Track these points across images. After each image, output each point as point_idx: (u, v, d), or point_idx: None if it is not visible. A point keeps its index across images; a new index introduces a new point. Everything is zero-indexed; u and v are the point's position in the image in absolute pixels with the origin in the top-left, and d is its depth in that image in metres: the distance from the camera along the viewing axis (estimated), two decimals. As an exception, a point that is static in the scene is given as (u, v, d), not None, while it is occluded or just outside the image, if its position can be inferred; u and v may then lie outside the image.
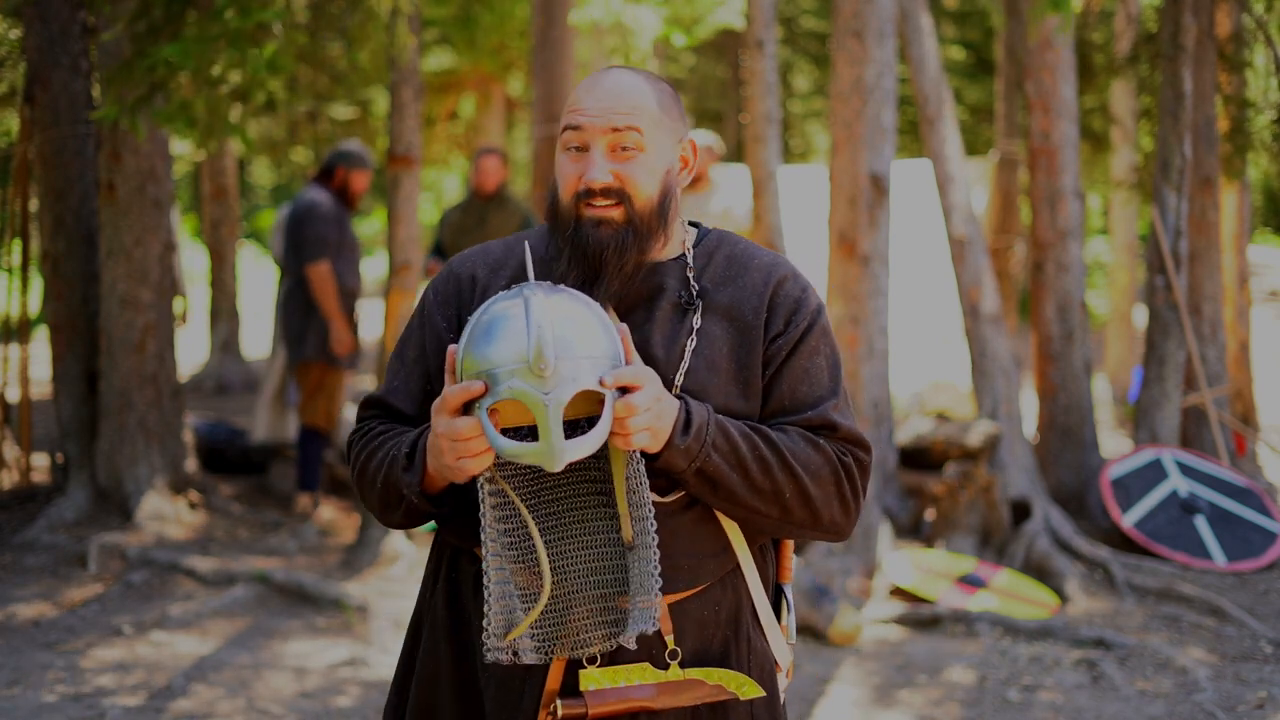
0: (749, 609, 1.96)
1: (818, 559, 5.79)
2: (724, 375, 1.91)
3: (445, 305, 2.00)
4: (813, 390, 1.93)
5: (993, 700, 4.66)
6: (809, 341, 1.95)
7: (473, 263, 2.03)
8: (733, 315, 1.94)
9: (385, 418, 2.01)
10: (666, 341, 1.92)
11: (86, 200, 6.66)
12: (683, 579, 1.88)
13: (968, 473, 6.14)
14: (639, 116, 1.93)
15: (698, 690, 1.87)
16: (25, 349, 6.99)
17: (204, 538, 6.33)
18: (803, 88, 20.05)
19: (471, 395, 1.75)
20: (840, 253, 6.31)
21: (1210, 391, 7.24)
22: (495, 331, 1.75)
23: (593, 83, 1.96)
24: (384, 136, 12.18)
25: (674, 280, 1.96)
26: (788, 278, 1.98)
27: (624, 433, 1.76)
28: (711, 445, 1.82)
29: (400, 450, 1.90)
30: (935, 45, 6.97)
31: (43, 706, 4.37)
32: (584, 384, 1.73)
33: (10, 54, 8.05)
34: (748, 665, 1.94)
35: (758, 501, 1.86)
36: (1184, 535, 6.34)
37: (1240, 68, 8.02)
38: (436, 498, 1.91)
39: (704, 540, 1.91)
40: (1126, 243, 11.38)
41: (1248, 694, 4.65)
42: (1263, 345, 11.67)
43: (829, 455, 1.90)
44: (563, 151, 1.95)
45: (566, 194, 1.93)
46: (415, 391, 1.99)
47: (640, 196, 1.92)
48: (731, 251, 2.01)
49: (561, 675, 1.86)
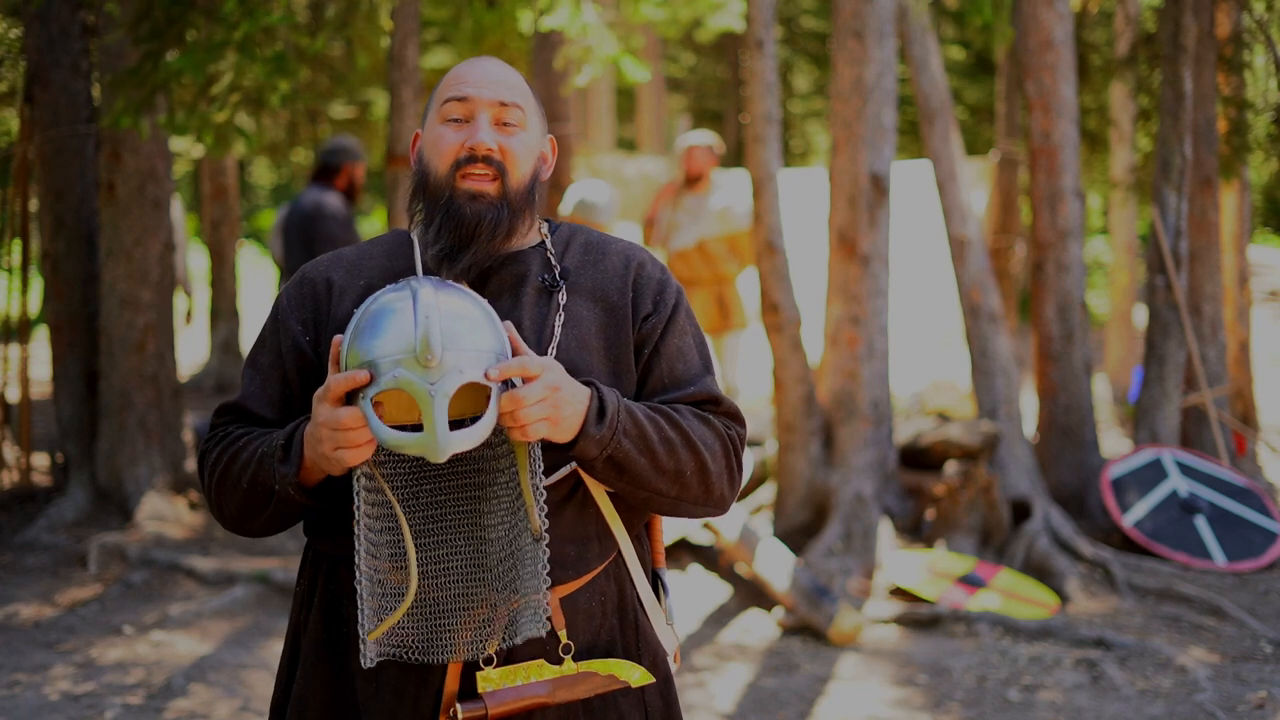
0: (633, 597, 1.98)
1: (818, 559, 5.79)
2: (595, 353, 1.93)
3: (300, 309, 1.98)
4: (689, 368, 1.97)
5: (993, 700, 4.66)
6: (678, 321, 1.99)
7: (326, 267, 2.03)
8: (598, 296, 1.97)
9: (242, 423, 1.97)
10: (536, 324, 1.93)
11: (86, 200, 6.66)
12: (570, 567, 1.89)
13: (968, 473, 6.14)
14: (522, 98, 1.98)
15: (591, 682, 1.88)
16: (25, 349, 6.99)
17: (204, 538, 6.33)
18: (803, 88, 20.05)
19: (356, 384, 1.73)
20: (840, 253, 6.31)
21: (1210, 391, 7.24)
22: (381, 323, 1.74)
23: (475, 63, 2.00)
24: (383, 137, 12.17)
25: (535, 265, 1.98)
26: (646, 261, 2.03)
27: (517, 424, 1.75)
28: (623, 432, 1.82)
29: (275, 443, 1.86)
30: (935, 45, 6.97)
31: (43, 706, 4.37)
32: (470, 376, 1.71)
33: (10, 54, 8.05)
34: (637, 653, 1.96)
35: (660, 482, 1.87)
36: (1184, 535, 6.34)
37: (1240, 68, 8.02)
38: (311, 491, 1.87)
39: (586, 524, 1.92)
40: (1126, 243, 11.38)
41: (1248, 694, 4.65)
42: (1263, 345, 11.68)
43: (718, 430, 1.93)
44: (441, 124, 1.96)
45: (444, 164, 1.94)
46: (273, 396, 1.96)
47: (516, 172, 1.95)
48: (588, 239, 2.06)
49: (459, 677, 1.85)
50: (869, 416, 6.26)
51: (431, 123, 1.98)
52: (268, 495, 1.86)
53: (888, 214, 6.28)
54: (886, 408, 6.34)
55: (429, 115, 2.01)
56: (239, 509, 1.91)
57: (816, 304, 6.67)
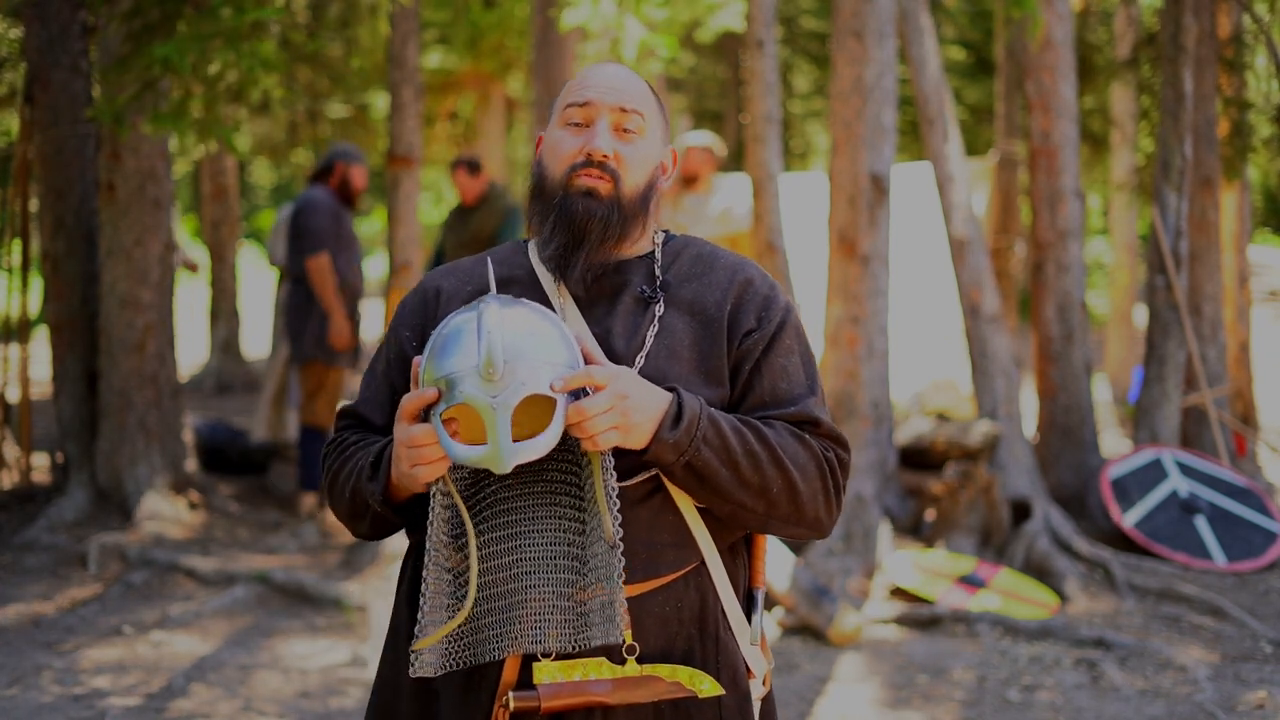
0: (717, 610, 1.94)
1: (818, 559, 5.78)
2: (685, 364, 1.92)
3: (411, 318, 2.03)
4: (792, 387, 1.94)
5: (993, 700, 4.66)
6: (783, 339, 1.96)
7: (441, 277, 2.07)
8: (695, 310, 1.96)
9: (358, 428, 2.04)
10: (627, 333, 1.93)
11: (86, 200, 6.66)
12: (637, 570, 1.87)
13: (968, 473, 6.14)
14: (644, 105, 1.99)
15: (655, 686, 1.86)
16: (25, 349, 6.99)
17: (204, 538, 6.33)
18: (803, 88, 20.04)
19: (426, 402, 1.78)
20: (840, 253, 6.31)
21: (1210, 391, 7.24)
22: (452, 342, 1.79)
23: (598, 68, 2.01)
24: (384, 136, 12.17)
25: (638, 277, 1.99)
26: (754, 277, 2.00)
27: (584, 434, 1.76)
28: (702, 439, 1.81)
29: (366, 460, 1.93)
30: (935, 45, 6.97)
31: (42, 706, 4.37)
32: (533, 388, 1.73)
33: (10, 54, 8.05)
34: (715, 666, 1.92)
35: (744, 496, 1.86)
36: (1184, 535, 6.34)
37: (1241, 69, 8.02)
38: (401, 507, 1.92)
39: (662, 530, 1.90)
40: (1126, 243, 11.39)
41: (1248, 694, 4.64)
42: (1263, 345, 11.68)
43: (815, 451, 1.90)
44: (561, 128, 1.97)
45: (560, 167, 1.96)
46: (384, 402, 2.01)
47: (630, 180, 1.96)
48: (699, 252, 2.04)
49: (518, 669, 1.85)
50: (869, 417, 6.26)
51: (553, 126, 2.00)
52: (365, 507, 1.93)
53: (888, 214, 6.28)
54: (886, 408, 6.34)
55: (551, 119, 2.02)
56: (347, 515, 1.99)
57: (816, 304, 6.67)
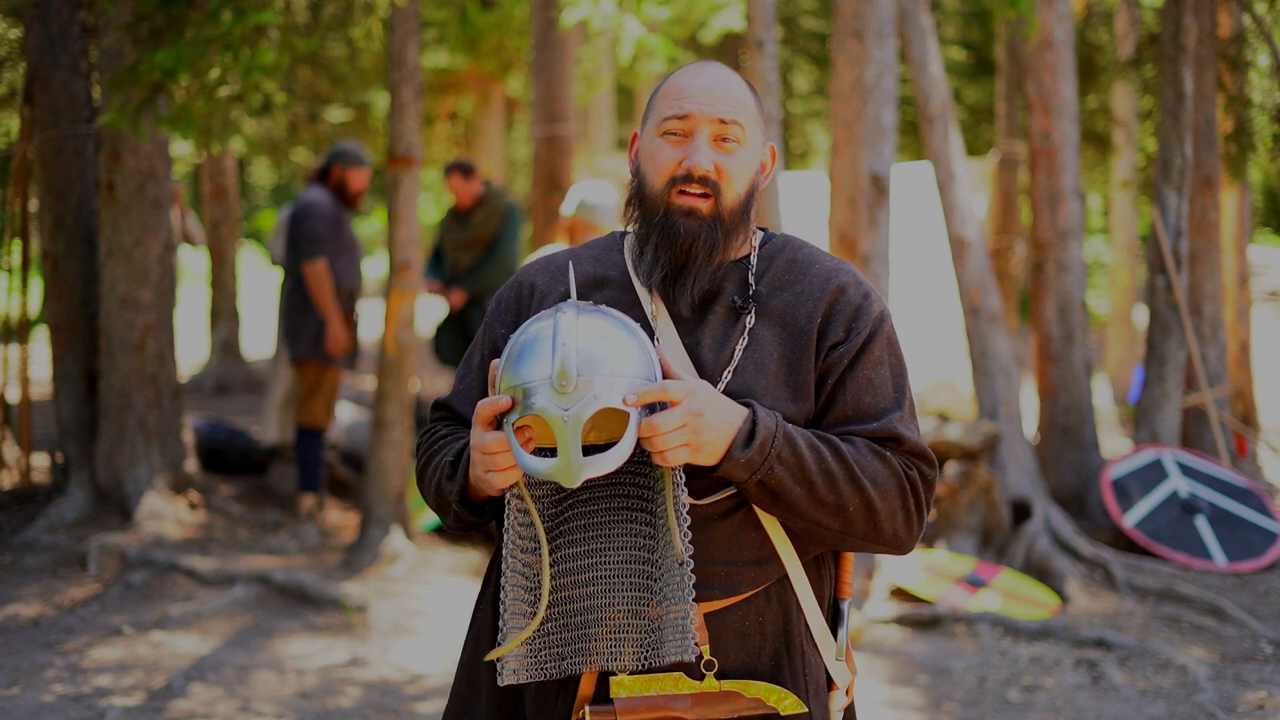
0: (801, 623, 1.90)
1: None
2: (772, 378, 1.88)
3: (506, 313, 2.01)
4: (877, 401, 1.89)
5: (993, 700, 4.66)
6: (872, 351, 1.91)
7: (535, 271, 2.04)
8: (785, 320, 1.91)
9: (451, 420, 2.04)
10: (717, 344, 1.90)
11: (86, 200, 6.66)
12: (716, 587, 1.83)
13: (968, 473, 6.14)
14: (743, 112, 1.94)
15: (735, 703, 1.82)
16: (25, 349, 6.99)
17: (204, 538, 6.33)
18: (803, 88, 20.03)
19: (499, 409, 1.77)
20: (840, 253, 6.30)
21: (1211, 392, 7.24)
22: (528, 350, 1.77)
23: (697, 72, 1.96)
24: (384, 137, 12.17)
25: (732, 284, 1.95)
26: (848, 285, 1.95)
27: (655, 450, 1.73)
28: (776, 458, 1.77)
29: (447, 458, 1.93)
30: (935, 45, 6.97)
31: (42, 707, 4.37)
32: (605, 402, 1.71)
33: (10, 54, 8.05)
34: (803, 681, 1.88)
35: (820, 514, 1.82)
36: (1184, 535, 6.34)
37: (1241, 68, 8.02)
38: (479, 506, 1.92)
39: (743, 548, 1.86)
40: (1126, 243, 11.38)
41: (1248, 694, 4.64)
42: (1263, 345, 11.68)
43: (895, 469, 1.85)
44: (659, 137, 1.93)
45: (660, 179, 1.92)
46: (477, 396, 1.99)
47: (731, 192, 1.92)
48: (794, 256, 2.00)
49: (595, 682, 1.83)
50: (869, 417, 6.25)
51: (650, 132, 1.96)
52: (447, 504, 1.94)
53: (888, 214, 6.28)
54: (887, 408, 6.33)
55: (648, 120, 1.98)
56: (435, 508, 2.00)
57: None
